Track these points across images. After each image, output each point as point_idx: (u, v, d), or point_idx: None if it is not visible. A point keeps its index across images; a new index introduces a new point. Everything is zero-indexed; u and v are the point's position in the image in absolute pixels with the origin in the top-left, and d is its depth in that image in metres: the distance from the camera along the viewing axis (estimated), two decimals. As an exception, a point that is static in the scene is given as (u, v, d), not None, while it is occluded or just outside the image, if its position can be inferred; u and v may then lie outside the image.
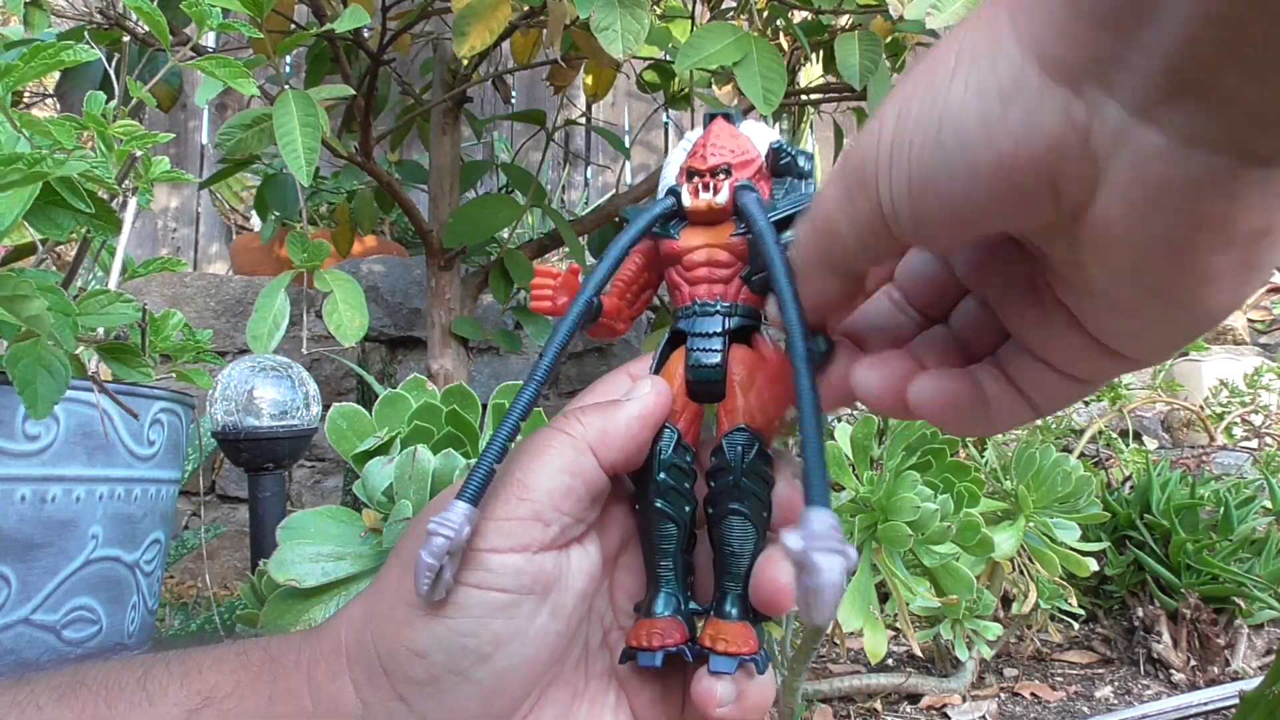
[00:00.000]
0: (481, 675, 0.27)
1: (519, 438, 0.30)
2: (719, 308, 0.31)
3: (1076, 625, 1.26)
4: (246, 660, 0.29)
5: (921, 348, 0.28)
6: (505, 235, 1.55)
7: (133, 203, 0.71)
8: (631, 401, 0.30)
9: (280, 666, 0.29)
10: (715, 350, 0.31)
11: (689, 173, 0.32)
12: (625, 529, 0.32)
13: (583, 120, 1.92)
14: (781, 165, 0.32)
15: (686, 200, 0.32)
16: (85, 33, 0.89)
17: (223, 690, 0.28)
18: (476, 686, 0.27)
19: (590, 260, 1.57)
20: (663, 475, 0.31)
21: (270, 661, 0.29)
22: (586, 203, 3.01)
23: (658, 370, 0.32)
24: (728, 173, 0.31)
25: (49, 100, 1.32)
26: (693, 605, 0.31)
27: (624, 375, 0.33)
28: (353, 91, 0.97)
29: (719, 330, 0.31)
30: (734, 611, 0.30)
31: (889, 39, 1.12)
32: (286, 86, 0.83)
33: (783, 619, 0.89)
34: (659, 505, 0.31)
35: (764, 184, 0.32)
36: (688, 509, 0.31)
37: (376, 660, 0.28)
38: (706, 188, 0.31)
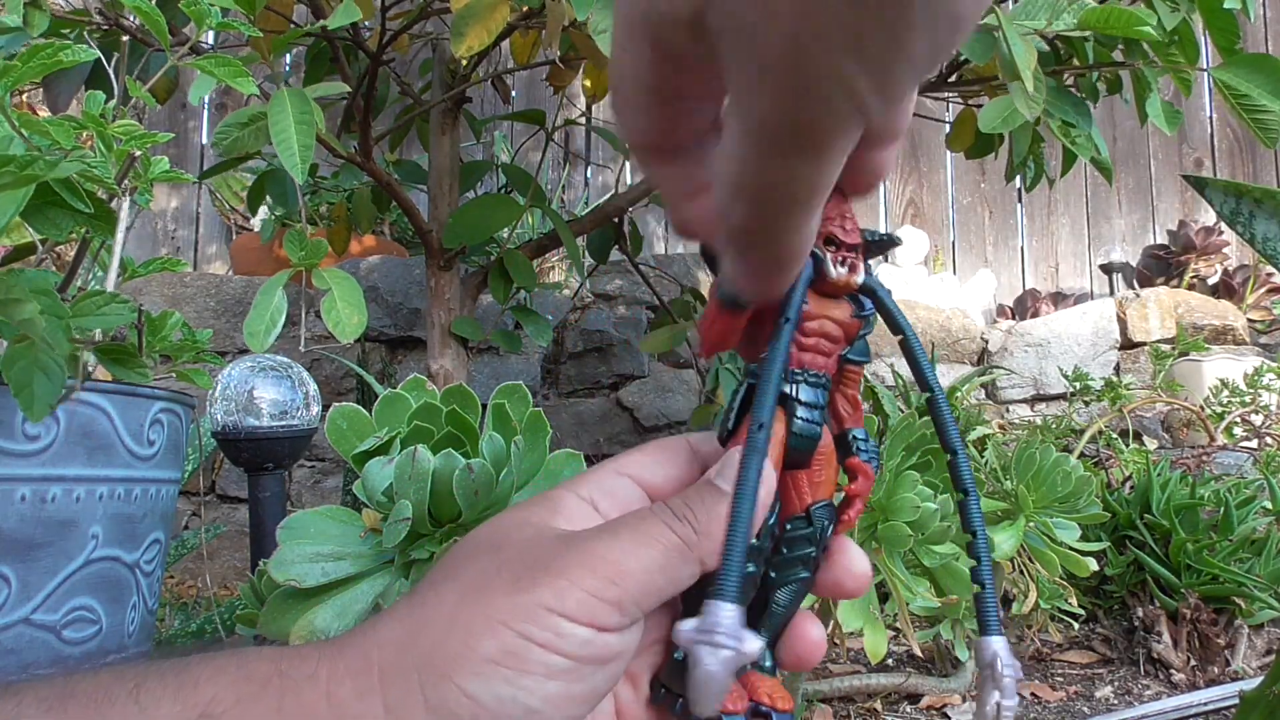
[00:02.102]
0: None
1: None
2: (824, 380, 0.31)
3: (1076, 625, 1.25)
4: (249, 672, 0.28)
5: None
6: (505, 235, 1.55)
7: (128, 203, 0.71)
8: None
9: (290, 680, 0.28)
10: (820, 422, 0.31)
11: (827, 239, 0.31)
12: None
13: (582, 120, 1.92)
14: (873, 252, 0.32)
15: (831, 270, 0.30)
16: (85, 32, 0.89)
17: (222, 702, 0.27)
18: None
19: (588, 261, 1.57)
20: (760, 543, 0.30)
21: (278, 675, 0.28)
22: (586, 203, 3.01)
23: (735, 428, 0.31)
24: (859, 252, 0.31)
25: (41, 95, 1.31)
26: None
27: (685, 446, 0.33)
28: (348, 89, 0.96)
29: (823, 403, 0.31)
30: (770, 665, 0.31)
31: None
32: (284, 85, 0.83)
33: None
34: (750, 571, 0.30)
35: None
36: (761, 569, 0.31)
37: (419, 690, 0.27)
38: (844, 262, 0.31)
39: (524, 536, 0.30)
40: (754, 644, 0.25)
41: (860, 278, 0.31)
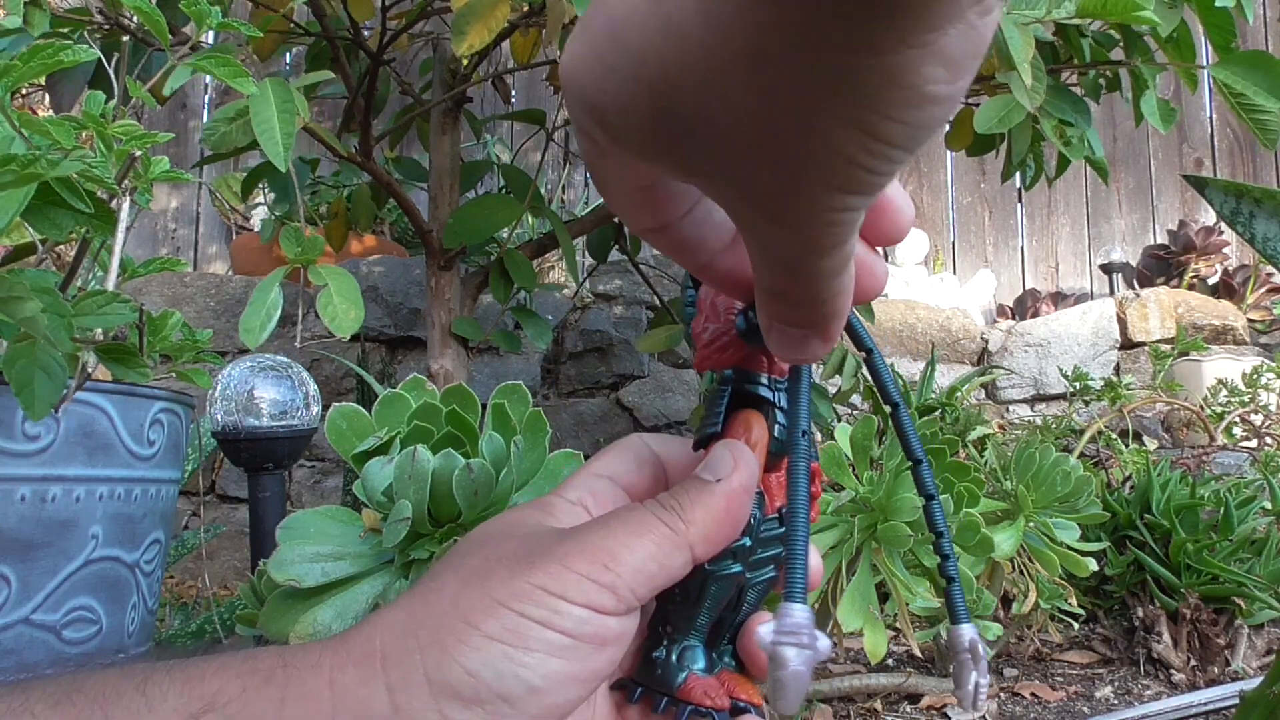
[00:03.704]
0: (529, 707, 0.27)
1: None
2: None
3: (1076, 625, 1.25)
4: (254, 665, 0.29)
5: None
6: (505, 235, 1.55)
7: (128, 203, 0.71)
8: (730, 487, 0.30)
9: (293, 670, 0.28)
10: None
11: None
12: None
13: (582, 120, 1.92)
14: None
15: None
16: (85, 32, 0.89)
17: (227, 695, 0.28)
18: (521, 717, 0.28)
19: (588, 261, 1.57)
20: (750, 542, 0.31)
21: (282, 666, 0.28)
22: (586, 203, 3.01)
23: (723, 429, 0.32)
24: None
25: (46, 97, 1.31)
26: None
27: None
28: (331, 74, 0.96)
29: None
30: (734, 663, 0.32)
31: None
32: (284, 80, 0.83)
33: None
34: (737, 570, 0.31)
35: None
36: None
37: (420, 669, 0.28)
38: None
39: (522, 532, 0.31)
40: (827, 643, 0.26)
41: None
